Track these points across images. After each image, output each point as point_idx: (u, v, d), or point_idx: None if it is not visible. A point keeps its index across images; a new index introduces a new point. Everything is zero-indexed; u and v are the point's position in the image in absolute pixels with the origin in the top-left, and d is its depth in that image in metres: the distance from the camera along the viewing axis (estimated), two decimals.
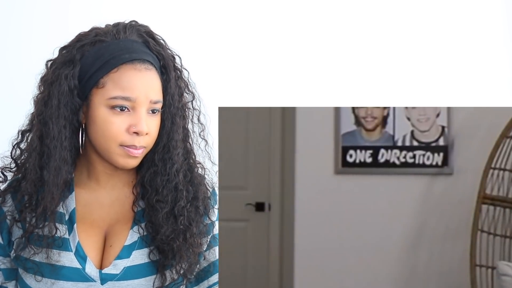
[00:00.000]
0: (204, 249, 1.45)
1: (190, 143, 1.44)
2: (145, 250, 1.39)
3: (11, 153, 1.40)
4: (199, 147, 1.47)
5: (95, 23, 1.39)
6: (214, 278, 1.48)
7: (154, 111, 1.34)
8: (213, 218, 1.47)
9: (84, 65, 1.31)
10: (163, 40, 1.40)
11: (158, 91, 1.34)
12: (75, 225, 1.37)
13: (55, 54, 1.36)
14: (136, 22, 1.39)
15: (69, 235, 1.37)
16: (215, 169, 1.52)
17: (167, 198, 1.38)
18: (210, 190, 1.48)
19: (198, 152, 1.46)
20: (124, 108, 1.30)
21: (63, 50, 1.35)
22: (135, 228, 1.40)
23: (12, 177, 1.42)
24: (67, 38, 1.37)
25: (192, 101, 1.45)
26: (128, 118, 1.30)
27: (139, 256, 1.38)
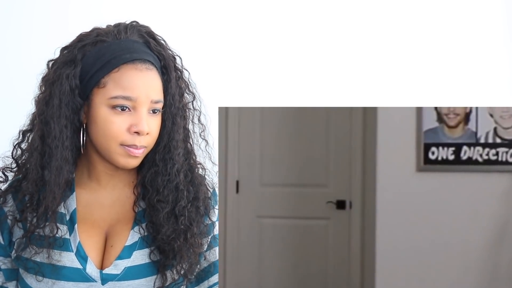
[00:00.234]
0: (204, 249, 1.45)
1: (190, 144, 1.44)
2: (145, 250, 1.39)
3: (12, 153, 1.40)
4: (200, 147, 1.47)
5: (96, 24, 1.39)
6: (214, 279, 1.48)
7: (155, 111, 1.34)
8: (213, 219, 1.47)
9: (85, 65, 1.32)
10: (164, 41, 1.40)
11: (159, 91, 1.34)
12: (76, 225, 1.37)
13: (56, 54, 1.36)
14: (137, 23, 1.39)
15: (70, 235, 1.37)
16: (216, 169, 1.53)
17: (168, 198, 1.38)
18: (211, 190, 1.48)
19: (198, 152, 1.47)
20: (125, 108, 1.30)
21: (64, 50, 1.35)
22: (136, 228, 1.39)
23: (13, 177, 1.42)
24: (68, 38, 1.37)
25: (192, 101, 1.45)
26: (129, 117, 1.30)
27: (140, 256, 1.38)
